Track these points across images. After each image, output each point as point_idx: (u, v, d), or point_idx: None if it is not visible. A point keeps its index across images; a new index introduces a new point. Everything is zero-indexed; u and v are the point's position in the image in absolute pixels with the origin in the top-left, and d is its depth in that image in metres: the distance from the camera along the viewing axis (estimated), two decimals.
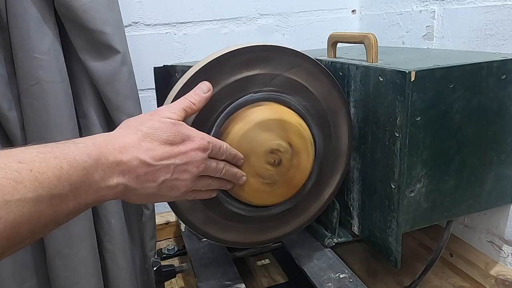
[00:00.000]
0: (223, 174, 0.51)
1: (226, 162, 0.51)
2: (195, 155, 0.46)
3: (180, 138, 0.45)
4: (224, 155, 0.50)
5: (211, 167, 0.49)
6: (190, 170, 0.46)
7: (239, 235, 0.64)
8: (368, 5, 1.15)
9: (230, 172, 0.52)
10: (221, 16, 1.07)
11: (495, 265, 0.80)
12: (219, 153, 0.50)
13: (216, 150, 0.49)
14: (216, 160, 0.50)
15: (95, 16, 0.70)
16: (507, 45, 0.74)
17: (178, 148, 0.45)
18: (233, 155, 0.52)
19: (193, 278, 0.72)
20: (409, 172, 0.59)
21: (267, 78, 0.57)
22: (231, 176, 0.52)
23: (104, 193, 0.41)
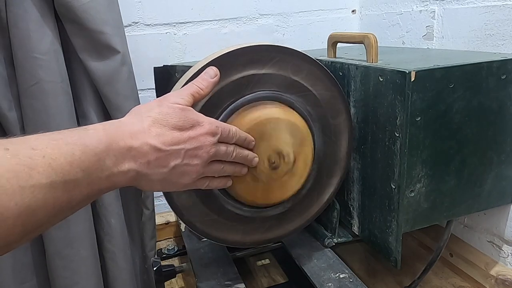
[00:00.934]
0: (234, 157, 0.50)
1: (236, 146, 0.51)
2: (205, 140, 0.46)
3: (189, 124, 0.45)
4: (234, 138, 0.50)
5: (221, 150, 0.48)
6: (201, 155, 0.46)
7: (239, 235, 0.64)
8: (368, 5, 1.15)
9: (241, 155, 0.51)
10: (221, 16, 1.07)
11: (495, 265, 0.80)
12: (229, 136, 0.49)
13: (226, 134, 0.49)
14: (226, 144, 0.50)
15: (95, 16, 0.70)
16: (507, 45, 0.74)
17: (188, 133, 0.45)
18: (244, 138, 0.52)
19: (193, 278, 0.72)
20: (409, 172, 0.59)
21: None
22: (242, 159, 0.52)
23: (116, 179, 0.41)
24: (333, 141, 0.64)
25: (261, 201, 0.60)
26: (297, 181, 0.60)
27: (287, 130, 0.56)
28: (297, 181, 0.60)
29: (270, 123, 0.55)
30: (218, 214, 0.61)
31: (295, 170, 0.58)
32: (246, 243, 0.66)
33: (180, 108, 0.45)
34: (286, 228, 0.67)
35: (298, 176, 0.59)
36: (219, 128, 0.48)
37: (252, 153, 0.53)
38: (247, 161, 0.53)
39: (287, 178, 0.58)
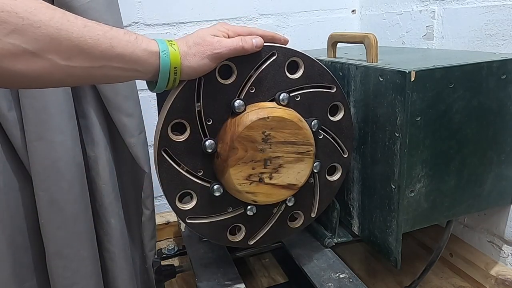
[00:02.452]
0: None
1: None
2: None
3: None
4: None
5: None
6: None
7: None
8: (368, 5, 1.15)
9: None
10: (221, 16, 1.07)
11: (495, 265, 0.80)
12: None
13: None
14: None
15: (95, 16, 0.69)
16: (507, 45, 0.74)
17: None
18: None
19: (193, 278, 0.72)
20: (409, 172, 0.59)
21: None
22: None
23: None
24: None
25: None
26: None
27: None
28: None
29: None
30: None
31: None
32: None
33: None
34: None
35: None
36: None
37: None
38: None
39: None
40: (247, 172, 0.56)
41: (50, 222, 0.74)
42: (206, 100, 0.55)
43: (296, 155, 0.57)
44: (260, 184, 0.57)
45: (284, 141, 0.56)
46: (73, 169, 0.74)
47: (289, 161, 0.57)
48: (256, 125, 0.54)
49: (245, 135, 0.54)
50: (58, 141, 0.72)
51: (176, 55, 0.48)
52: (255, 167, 0.56)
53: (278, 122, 0.55)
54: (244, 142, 0.54)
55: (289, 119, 0.56)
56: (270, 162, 0.56)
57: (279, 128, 0.55)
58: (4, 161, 0.72)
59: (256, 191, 0.58)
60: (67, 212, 0.74)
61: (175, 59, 0.48)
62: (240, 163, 0.55)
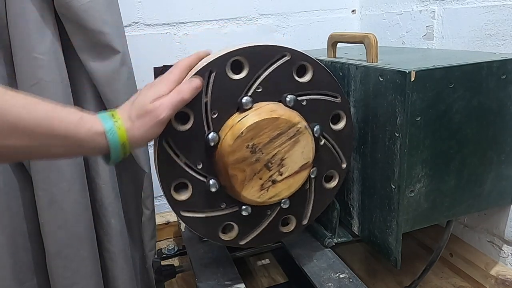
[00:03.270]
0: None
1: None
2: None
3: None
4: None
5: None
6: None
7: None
8: (368, 5, 1.15)
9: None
10: (221, 16, 1.07)
11: (495, 265, 0.80)
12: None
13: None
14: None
15: (95, 16, 0.69)
16: (507, 45, 0.74)
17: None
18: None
19: (193, 278, 0.72)
20: (409, 172, 0.59)
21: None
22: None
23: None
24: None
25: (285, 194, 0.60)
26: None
27: (264, 129, 0.56)
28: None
29: (267, 123, 0.55)
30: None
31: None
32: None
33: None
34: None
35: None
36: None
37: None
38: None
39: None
40: (257, 185, 0.56)
41: (50, 222, 0.74)
42: (214, 93, 0.55)
43: (289, 140, 0.56)
44: (275, 184, 0.57)
45: (271, 139, 0.56)
46: (73, 169, 0.74)
47: (287, 150, 0.57)
48: (237, 145, 0.54)
49: (234, 160, 0.54)
50: None
51: (122, 132, 0.47)
52: (262, 176, 0.56)
53: (253, 129, 0.54)
54: (237, 165, 0.54)
55: (261, 120, 0.54)
56: (271, 163, 0.56)
57: (258, 133, 0.54)
58: None
59: (277, 192, 0.58)
60: (67, 212, 0.74)
61: (122, 136, 0.46)
62: (247, 183, 0.55)
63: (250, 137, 0.54)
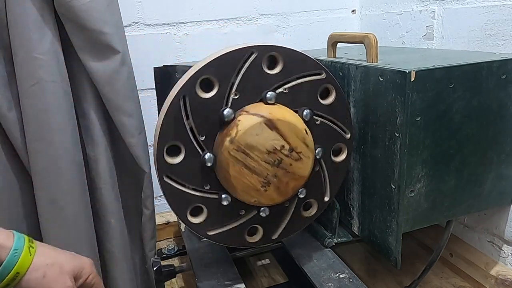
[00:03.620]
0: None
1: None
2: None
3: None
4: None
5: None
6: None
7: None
8: (368, 5, 1.15)
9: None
10: (221, 16, 1.07)
11: (495, 265, 0.80)
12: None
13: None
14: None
15: (95, 16, 0.69)
16: (507, 45, 0.74)
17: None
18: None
19: (193, 278, 0.72)
20: (409, 172, 0.59)
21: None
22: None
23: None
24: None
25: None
26: (298, 181, 0.59)
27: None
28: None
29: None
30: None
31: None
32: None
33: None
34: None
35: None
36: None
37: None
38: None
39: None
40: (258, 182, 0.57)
41: (50, 222, 0.74)
42: (195, 116, 0.55)
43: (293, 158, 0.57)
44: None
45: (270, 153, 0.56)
46: (73, 169, 0.74)
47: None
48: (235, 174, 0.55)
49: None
50: (58, 141, 0.72)
51: (26, 261, 0.43)
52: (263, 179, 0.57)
53: (246, 149, 0.54)
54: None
55: (254, 145, 0.55)
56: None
57: (251, 151, 0.55)
58: (4, 161, 0.72)
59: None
60: (67, 212, 0.74)
61: (22, 264, 0.43)
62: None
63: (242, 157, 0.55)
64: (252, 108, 0.56)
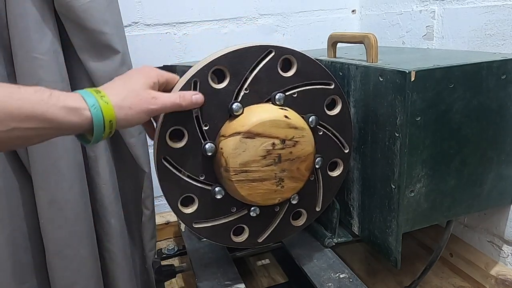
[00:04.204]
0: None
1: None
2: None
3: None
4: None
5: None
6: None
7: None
8: (368, 5, 1.15)
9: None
10: (221, 16, 1.07)
11: (495, 265, 0.80)
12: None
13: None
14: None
15: (95, 16, 0.69)
16: (507, 45, 0.74)
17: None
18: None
19: (193, 278, 0.72)
20: (409, 172, 0.59)
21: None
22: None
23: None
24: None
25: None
26: (307, 160, 0.59)
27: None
28: (307, 161, 0.59)
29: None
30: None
31: (300, 152, 0.58)
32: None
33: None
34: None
35: (306, 155, 0.58)
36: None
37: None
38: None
39: (297, 164, 0.58)
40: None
41: (50, 222, 0.74)
42: (202, 105, 0.55)
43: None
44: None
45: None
46: (73, 169, 0.74)
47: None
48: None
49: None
50: (58, 141, 0.72)
51: (109, 108, 0.45)
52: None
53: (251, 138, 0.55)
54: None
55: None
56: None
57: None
58: (4, 161, 0.72)
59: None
60: (67, 212, 0.74)
61: (108, 112, 0.45)
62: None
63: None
64: (226, 130, 0.56)
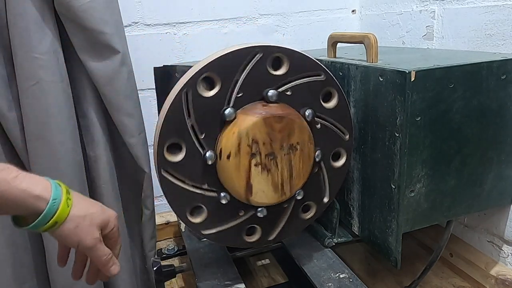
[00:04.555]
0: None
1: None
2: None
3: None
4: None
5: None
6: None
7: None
8: (368, 5, 1.15)
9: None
10: (221, 16, 1.07)
11: (495, 265, 0.80)
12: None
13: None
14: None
15: (94, 16, 0.69)
16: (507, 45, 0.74)
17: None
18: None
19: (193, 278, 0.72)
20: (409, 172, 0.59)
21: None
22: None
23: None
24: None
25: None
26: (307, 159, 0.60)
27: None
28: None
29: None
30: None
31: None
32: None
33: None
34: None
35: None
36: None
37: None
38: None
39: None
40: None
41: None
42: (196, 114, 0.55)
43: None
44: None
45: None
46: (73, 169, 0.74)
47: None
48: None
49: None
50: (58, 141, 0.72)
51: (65, 212, 0.46)
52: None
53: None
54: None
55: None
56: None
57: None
58: (4, 161, 0.72)
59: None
60: None
61: (62, 213, 0.45)
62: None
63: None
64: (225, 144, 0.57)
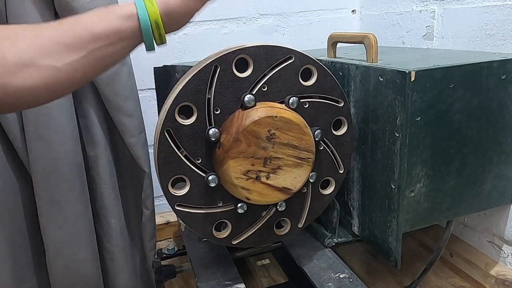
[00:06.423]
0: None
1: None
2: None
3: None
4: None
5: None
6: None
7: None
8: (368, 5, 1.15)
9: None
10: (221, 16, 1.07)
11: (495, 265, 0.80)
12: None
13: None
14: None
15: None
16: (507, 45, 0.74)
17: None
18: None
19: (193, 278, 0.72)
20: (409, 172, 0.59)
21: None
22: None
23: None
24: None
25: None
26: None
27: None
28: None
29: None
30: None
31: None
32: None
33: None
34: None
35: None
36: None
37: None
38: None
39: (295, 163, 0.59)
40: (246, 167, 0.56)
41: (50, 222, 0.74)
42: (217, 89, 0.55)
43: (296, 159, 0.57)
44: (256, 182, 0.57)
45: (287, 144, 0.56)
46: (73, 169, 0.74)
47: (289, 164, 0.57)
48: (264, 121, 0.54)
49: (251, 130, 0.54)
50: (58, 141, 0.72)
51: (153, 8, 0.44)
52: (255, 164, 0.56)
53: (285, 123, 0.55)
54: (249, 136, 0.54)
55: (296, 123, 0.56)
56: (270, 162, 0.56)
57: (285, 129, 0.55)
58: (4, 161, 0.72)
59: (251, 188, 0.57)
60: (67, 212, 0.74)
61: (152, 13, 0.44)
62: (241, 157, 0.55)
63: (277, 126, 0.55)
64: (273, 104, 0.57)
